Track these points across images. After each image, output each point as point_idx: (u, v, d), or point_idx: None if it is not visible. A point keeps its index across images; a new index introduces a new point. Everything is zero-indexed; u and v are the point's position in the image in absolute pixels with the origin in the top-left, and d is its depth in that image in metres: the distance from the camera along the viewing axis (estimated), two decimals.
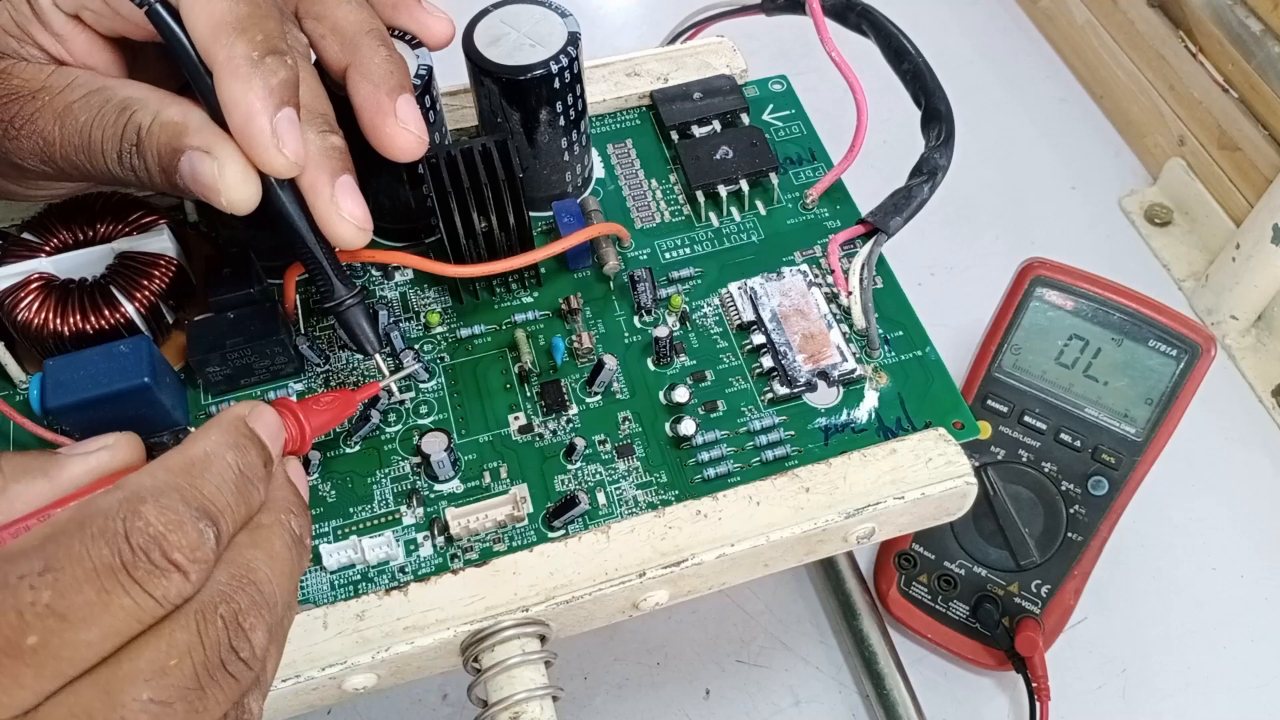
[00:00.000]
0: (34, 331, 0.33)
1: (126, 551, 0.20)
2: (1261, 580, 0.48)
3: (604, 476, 0.33)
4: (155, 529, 0.20)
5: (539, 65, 0.35)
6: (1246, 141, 0.56)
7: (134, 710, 0.20)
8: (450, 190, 0.34)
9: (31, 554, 0.20)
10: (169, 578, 0.20)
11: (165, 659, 0.20)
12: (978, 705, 0.45)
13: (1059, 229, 0.62)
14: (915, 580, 0.45)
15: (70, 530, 0.20)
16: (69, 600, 0.19)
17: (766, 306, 0.36)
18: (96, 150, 0.29)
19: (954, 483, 0.32)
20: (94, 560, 0.20)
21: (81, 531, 0.20)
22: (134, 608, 0.20)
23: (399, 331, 0.36)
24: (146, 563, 0.20)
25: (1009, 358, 0.44)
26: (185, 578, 0.21)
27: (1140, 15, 0.63)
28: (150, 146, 0.29)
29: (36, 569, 0.19)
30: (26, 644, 0.19)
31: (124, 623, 0.20)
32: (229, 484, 0.23)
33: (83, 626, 0.19)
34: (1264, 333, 0.56)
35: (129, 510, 0.20)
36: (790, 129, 0.43)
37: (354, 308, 0.32)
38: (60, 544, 0.20)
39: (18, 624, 0.19)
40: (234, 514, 0.23)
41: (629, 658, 0.46)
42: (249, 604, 0.22)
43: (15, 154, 0.30)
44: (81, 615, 0.19)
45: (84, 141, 0.29)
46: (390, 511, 0.33)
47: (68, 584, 0.19)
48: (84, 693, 0.20)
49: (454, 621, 0.30)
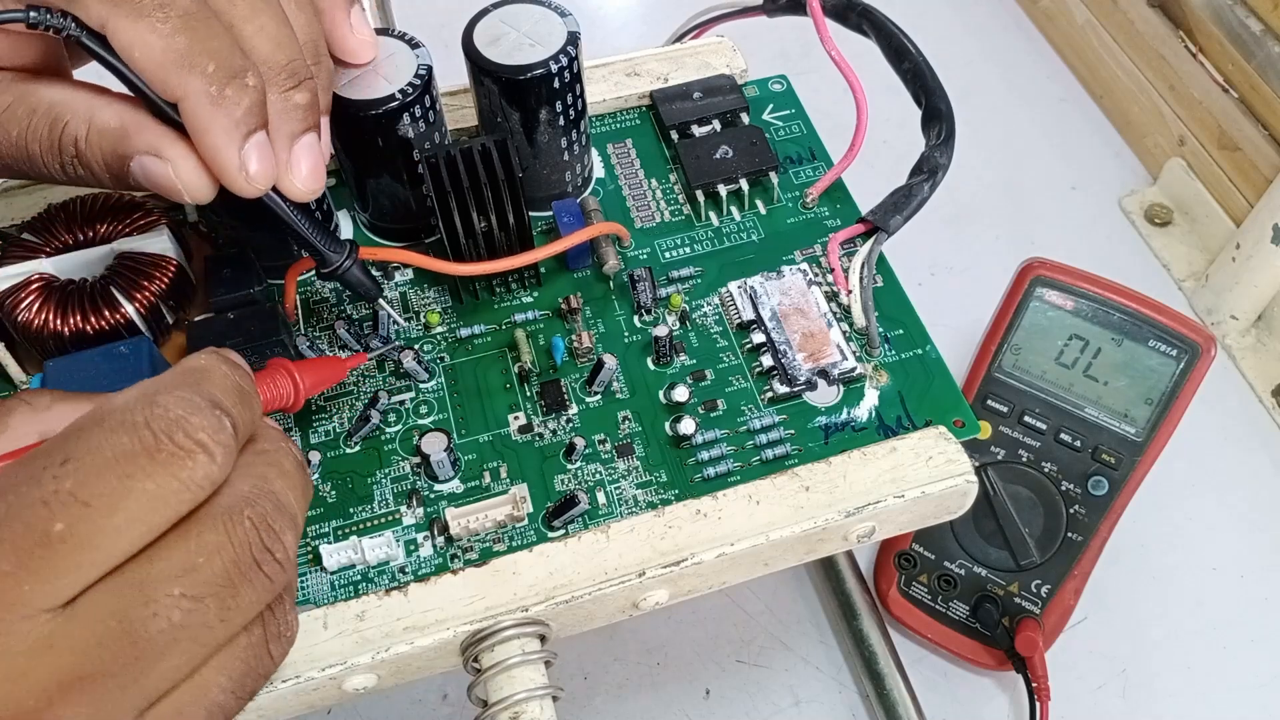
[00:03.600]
0: (34, 332, 0.33)
1: (148, 437, 0.20)
2: (1261, 580, 0.48)
3: (604, 476, 0.33)
4: (175, 413, 0.21)
5: (539, 65, 0.35)
6: (1246, 141, 0.56)
7: (166, 605, 0.20)
8: (450, 190, 0.34)
9: (53, 450, 0.20)
10: (194, 459, 0.21)
11: (194, 556, 0.21)
12: (978, 705, 0.45)
13: (1059, 229, 0.62)
14: (915, 580, 0.45)
15: (88, 426, 0.21)
16: (91, 487, 0.20)
17: (766, 305, 0.36)
18: (37, 161, 0.28)
19: (954, 481, 0.32)
20: (112, 449, 0.20)
21: (99, 425, 0.21)
22: (157, 491, 0.20)
23: (399, 329, 0.36)
24: (170, 445, 0.21)
25: (1009, 358, 0.44)
26: (211, 459, 0.21)
27: (1140, 15, 0.63)
28: (93, 157, 0.28)
29: (58, 460, 0.20)
30: (55, 531, 0.20)
31: (149, 509, 0.20)
32: (231, 388, 0.23)
33: (107, 513, 0.20)
34: (1264, 333, 0.56)
35: (145, 402, 0.21)
36: (790, 128, 0.43)
37: (351, 269, 0.32)
38: (79, 438, 0.21)
39: (44, 513, 0.20)
40: (240, 417, 0.23)
41: (629, 658, 0.46)
42: (273, 508, 0.23)
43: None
44: (105, 502, 0.20)
45: (22, 154, 0.28)
46: (390, 512, 0.33)
47: (88, 471, 0.20)
48: (118, 587, 0.20)
49: (454, 622, 0.30)
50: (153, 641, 0.20)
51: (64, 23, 0.25)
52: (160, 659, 0.21)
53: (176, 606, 0.21)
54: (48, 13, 0.25)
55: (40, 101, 0.28)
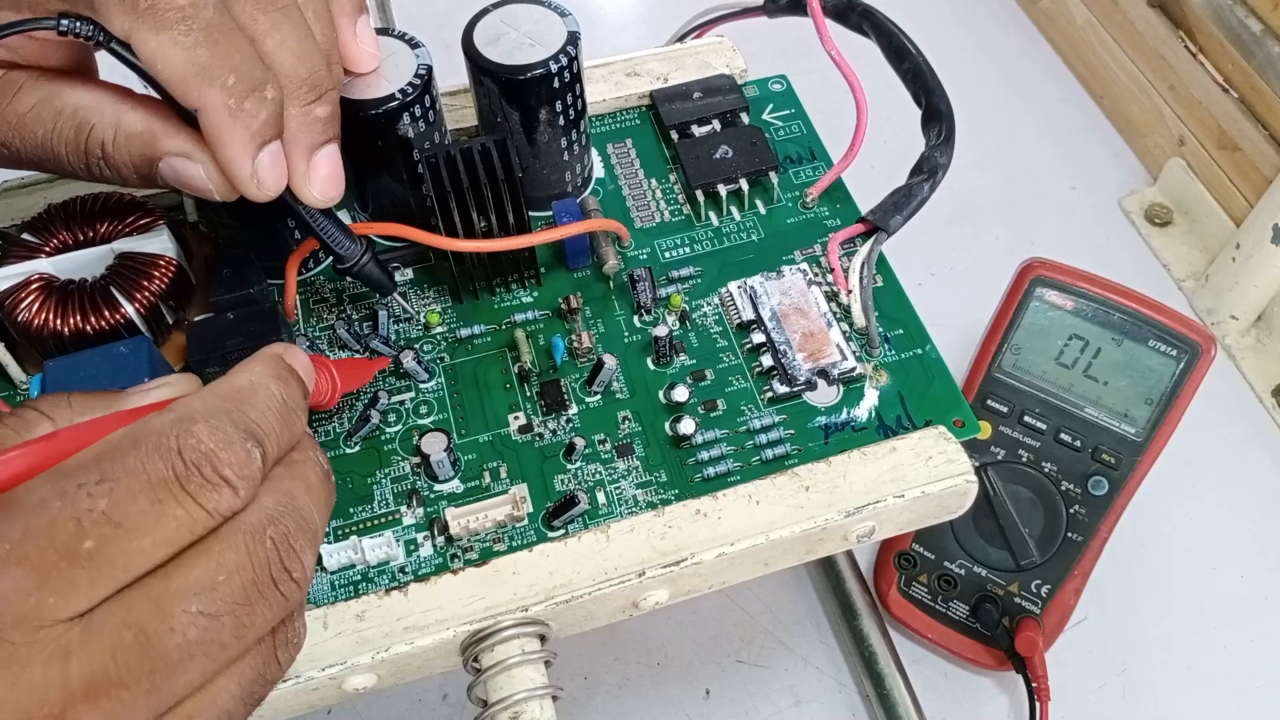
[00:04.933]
0: (34, 332, 0.33)
1: (180, 466, 0.21)
2: (1261, 580, 0.48)
3: (604, 476, 0.33)
4: (206, 446, 0.21)
5: (538, 65, 0.35)
6: (1246, 141, 0.56)
7: (183, 621, 0.21)
8: (450, 190, 0.34)
9: (89, 467, 0.21)
10: (220, 491, 0.21)
11: (214, 575, 0.21)
12: (978, 705, 0.45)
13: (1059, 229, 0.62)
14: (915, 580, 0.45)
15: (125, 446, 0.21)
16: (124, 509, 0.20)
17: (766, 305, 0.36)
18: (63, 161, 0.29)
19: (954, 481, 0.32)
20: (149, 473, 0.21)
21: (137, 448, 0.21)
22: (186, 519, 0.21)
23: (399, 329, 0.36)
24: (199, 477, 0.21)
25: (1009, 358, 0.44)
26: (235, 493, 0.21)
27: (1140, 15, 0.63)
28: (120, 160, 0.28)
29: (94, 479, 0.20)
30: (83, 549, 0.20)
31: (175, 533, 0.21)
32: (273, 411, 0.24)
33: (137, 535, 0.20)
34: (1264, 333, 0.56)
35: (181, 429, 0.21)
36: (790, 128, 0.43)
37: (368, 264, 0.33)
38: (116, 459, 0.21)
39: (75, 530, 0.20)
40: (278, 439, 0.24)
41: (629, 658, 0.46)
42: (295, 527, 0.23)
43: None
44: (136, 524, 0.20)
45: (47, 154, 0.29)
46: (390, 512, 0.33)
47: (123, 494, 0.20)
48: (135, 601, 0.21)
49: (454, 621, 0.30)
50: (168, 656, 0.21)
51: (93, 31, 0.26)
52: (175, 673, 0.21)
53: (193, 624, 0.21)
54: (77, 21, 0.26)
55: (66, 104, 0.28)
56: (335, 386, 0.30)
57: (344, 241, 0.32)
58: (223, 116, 0.26)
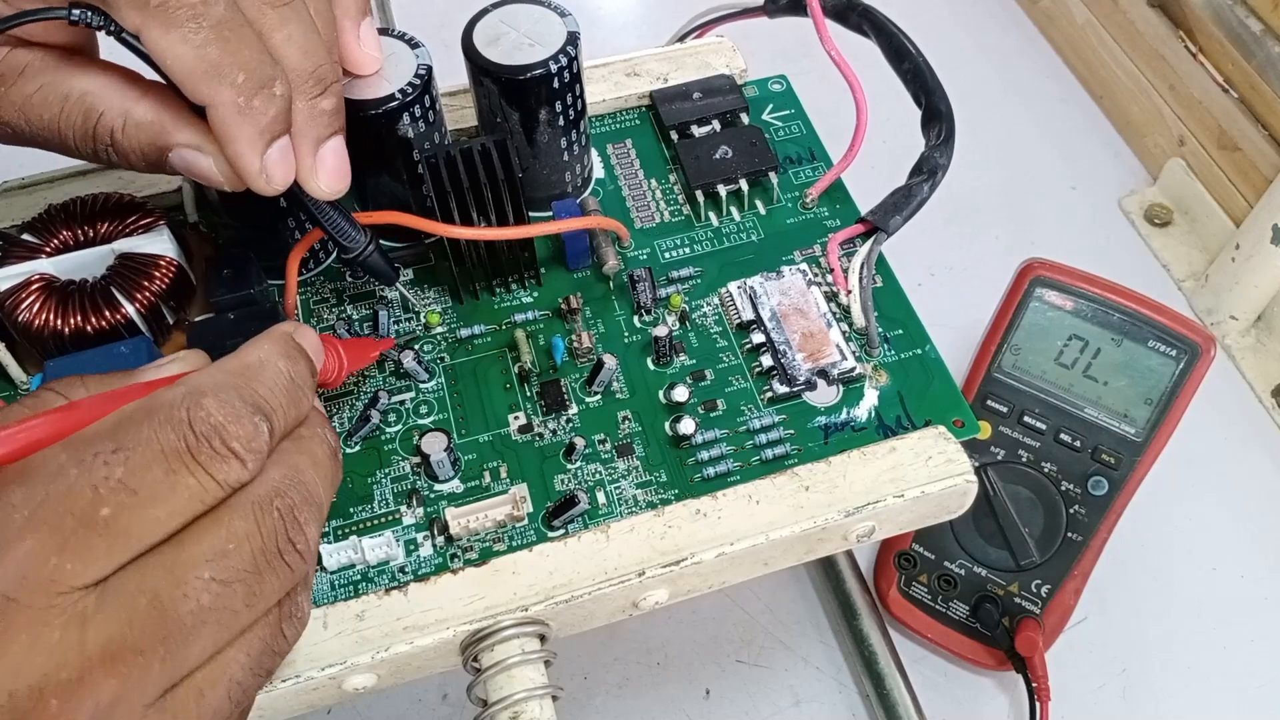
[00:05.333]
0: (34, 332, 0.33)
1: (191, 437, 0.21)
2: (1261, 580, 0.48)
3: (604, 476, 0.33)
4: (215, 419, 0.22)
5: (538, 65, 0.35)
6: (1246, 141, 0.56)
7: (196, 587, 0.21)
8: (450, 190, 0.34)
9: (104, 436, 0.21)
10: (228, 463, 0.22)
11: (225, 543, 0.22)
12: (978, 705, 0.45)
13: (1059, 229, 0.62)
14: (915, 580, 0.45)
15: (138, 418, 0.22)
16: (140, 477, 0.21)
17: (766, 305, 0.36)
18: (70, 145, 0.29)
19: (954, 481, 0.32)
20: (161, 443, 0.21)
21: (150, 419, 0.22)
22: (197, 488, 0.22)
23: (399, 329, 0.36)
24: (209, 448, 0.22)
25: (1009, 358, 0.44)
26: (242, 465, 0.22)
27: (1140, 15, 0.63)
28: (129, 148, 0.28)
29: (110, 448, 0.21)
30: (101, 515, 0.21)
31: (187, 502, 0.22)
32: (281, 388, 0.24)
33: (151, 503, 0.21)
34: (1264, 333, 0.56)
35: (192, 402, 0.22)
36: (790, 129, 0.43)
37: (373, 254, 0.34)
38: (130, 429, 0.21)
39: (93, 497, 0.21)
40: (285, 415, 0.24)
41: (629, 658, 0.46)
42: (301, 500, 0.24)
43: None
44: (151, 492, 0.21)
45: (54, 136, 0.28)
46: (390, 511, 0.33)
47: (138, 463, 0.21)
48: (150, 569, 0.21)
49: (454, 621, 0.30)
50: (181, 622, 0.21)
51: (104, 22, 0.26)
52: (188, 640, 0.21)
53: (206, 590, 0.21)
54: (88, 11, 0.26)
55: (73, 89, 0.28)
56: (342, 365, 0.31)
57: (349, 231, 0.33)
58: (232, 114, 0.26)
